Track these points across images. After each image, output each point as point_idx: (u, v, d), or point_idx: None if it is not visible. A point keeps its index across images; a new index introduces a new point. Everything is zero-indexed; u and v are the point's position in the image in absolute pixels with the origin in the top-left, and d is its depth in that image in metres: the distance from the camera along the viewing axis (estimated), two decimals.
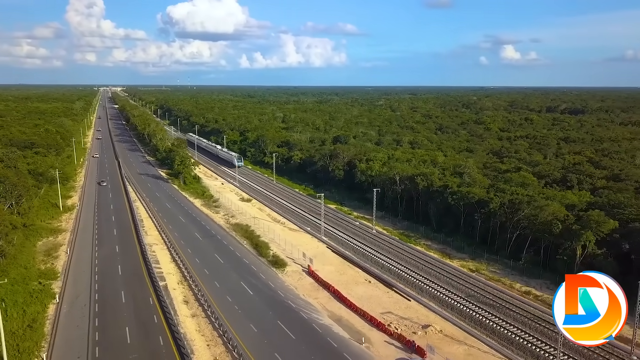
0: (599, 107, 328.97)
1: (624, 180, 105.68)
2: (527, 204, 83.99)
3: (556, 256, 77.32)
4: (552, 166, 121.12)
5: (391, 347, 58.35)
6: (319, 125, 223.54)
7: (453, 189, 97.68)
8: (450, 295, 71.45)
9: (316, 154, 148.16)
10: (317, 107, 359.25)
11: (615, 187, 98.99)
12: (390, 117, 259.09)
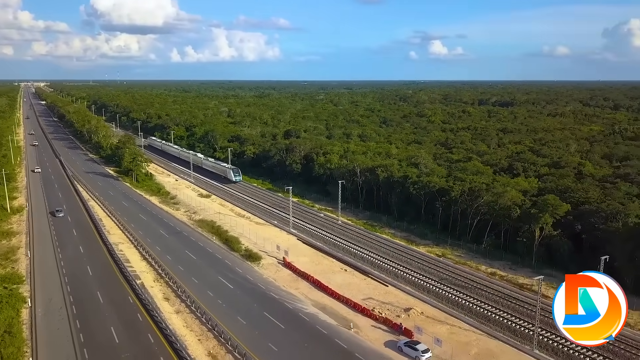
0: (525, 100, 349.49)
1: (564, 167, 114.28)
2: (486, 191, 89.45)
3: (516, 238, 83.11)
4: (499, 155, 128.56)
5: (378, 330, 61.04)
6: (267, 120, 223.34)
7: (413, 179, 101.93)
8: (424, 279, 75.22)
9: (272, 148, 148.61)
10: (258, 101, 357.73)
11: (558, 174, 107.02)
12: (335, 112, 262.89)
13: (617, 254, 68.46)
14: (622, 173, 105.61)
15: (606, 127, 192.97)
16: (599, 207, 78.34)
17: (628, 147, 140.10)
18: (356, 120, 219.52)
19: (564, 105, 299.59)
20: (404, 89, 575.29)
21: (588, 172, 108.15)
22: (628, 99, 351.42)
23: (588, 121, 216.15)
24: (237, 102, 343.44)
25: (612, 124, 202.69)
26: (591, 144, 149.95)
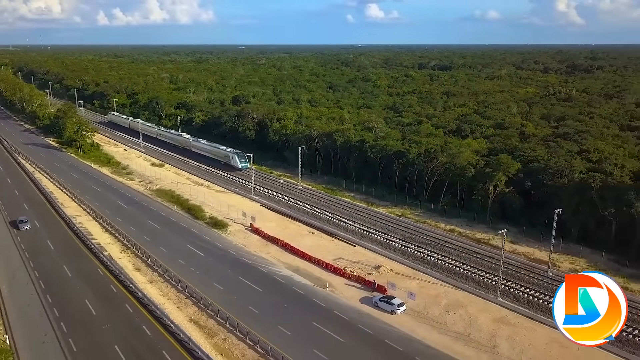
0: (463, 63, 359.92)
1: (508, 128, 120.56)
2: (442, 152, 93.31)
3: (471, 197, 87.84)
4: (447, 118, 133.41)
5: (353, 288, 63.80)
6: (212, 86, 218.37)
7: (370, 143, 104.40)
8: (389, 238, 78.53)
9: (223, 115, 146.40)
10: (197, 67, 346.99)
11: (503, 134, 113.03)
12: (281, 77, 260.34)
13: (563, 207, 74.17)
14: (561, 132, 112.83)
15: (540, 89, 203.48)
16: (547, 165, 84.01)
17: (563, 108, 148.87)
18: (303, 85, 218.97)
19: (499, 69, 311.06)
20: (344, 53, 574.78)
21: (530, 133, 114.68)
22: (556, 62, 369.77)
23: (523, 84, 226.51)
24: (177, 67, 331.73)
25: (545, 86, 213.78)
26: (529, 105, 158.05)
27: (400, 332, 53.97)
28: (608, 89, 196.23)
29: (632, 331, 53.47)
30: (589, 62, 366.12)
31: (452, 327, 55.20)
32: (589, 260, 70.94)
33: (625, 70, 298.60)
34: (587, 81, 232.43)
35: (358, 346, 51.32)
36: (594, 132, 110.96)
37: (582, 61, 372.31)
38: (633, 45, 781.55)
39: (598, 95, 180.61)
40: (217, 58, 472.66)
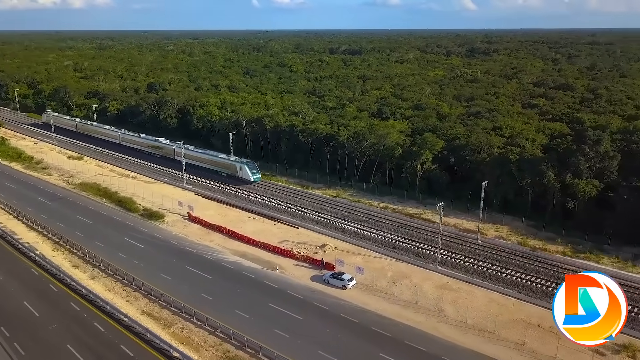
0: (372, 48, 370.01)
1: (425, 109, 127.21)
2: (370, 134, 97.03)
3: (401, 175, 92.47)
4: (367, 101, 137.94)
5: (302, 268, 65.58)
6: (122, 73, 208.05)
7: (300, 127, 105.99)
8: (329, 218, 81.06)
9: (141, 103, 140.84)
10: (101, 53, 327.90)
11: (422, 115, 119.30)
12: (195, 63, 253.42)
13: (485, 180, 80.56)
14: (474, 111, 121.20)
15: (447, 71, 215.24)
16: (468, 142, 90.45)
17: (471, 89, 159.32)
18: (219, 71, 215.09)
19: (406, 52, 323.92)
20: (253, 38, 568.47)
21: (445, 112, 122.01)
22: (457, 46, 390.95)
23: (431, 67, 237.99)
24: (79, 55, 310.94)
25: (451, 68, 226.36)
26: (441, 87, 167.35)
27: (353, 305, 56.65)
28: (507, 71, 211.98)
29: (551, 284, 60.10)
30: (486, 45, 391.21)
31: (400, 297, 58.81)
32: (511, 227, 77.94)
33: (517, 53, 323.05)
34: (487, 63, 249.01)
35: (316, 322, 53.34)
36: (502, 111, 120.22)
37: (480, 45, 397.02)
38: (521, 29, 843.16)
39: (499, 76, 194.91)
40: (120, 44, 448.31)
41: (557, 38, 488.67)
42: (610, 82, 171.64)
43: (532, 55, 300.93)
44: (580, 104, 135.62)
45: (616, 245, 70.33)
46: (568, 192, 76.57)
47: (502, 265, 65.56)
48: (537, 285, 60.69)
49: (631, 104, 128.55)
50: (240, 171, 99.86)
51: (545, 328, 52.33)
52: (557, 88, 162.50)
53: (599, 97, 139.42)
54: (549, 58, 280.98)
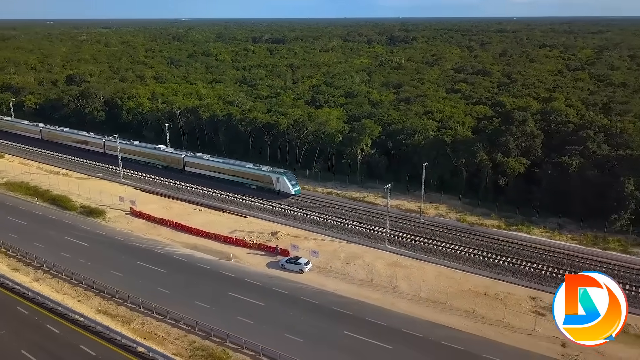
0: (295, 37, 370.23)
1: (357, 96, 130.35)
2: (310, 122, 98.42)
3: (342, 161, 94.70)
4: (301, 89, 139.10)
5: (257, 256, 66.14)
6: (35, 65, 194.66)
7: (239, 116, 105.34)
8: (276, 205, 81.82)
9: (64, 96, 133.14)
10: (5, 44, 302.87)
11: (355, 102, 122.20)
12: (114, 53, 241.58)
13: (423, 162, 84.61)
14: (404, 97, 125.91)
15: (372, 59, 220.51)
16: (404, 126, 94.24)
17: (398, 76, 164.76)
18: (142, 62, 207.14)
19: (329, 41, 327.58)
20: (170, 27, 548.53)
21: (376, 99, 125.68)
22: (377, 34, 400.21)
23: (356, 55, 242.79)
24: None
25: (375, 56, 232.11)
26: (369, 74, 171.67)
27: (312, 288, 58.21)
28: (428, 58, 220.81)
29: (501, 258, 64.99)
30: (404, 33, 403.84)
31: (355, 276, 61.10)
32: (448, 205, 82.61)
33: (435, 41, 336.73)
34: (408, 51, 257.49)
35: (278, 306, 54.33)
36: (430, 96, 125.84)
37: (399, 33, 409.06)
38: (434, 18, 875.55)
39: (422, 63, 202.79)
40: (25, 34, 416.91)
41: (468, 26, 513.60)
42: (522, 67, 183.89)
43: (449, 43, 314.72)
44: (499, 88, 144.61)
45: (543, 217, 76.76)
46: (499, 170, 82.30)
47: (445, 240, 69.67)
48: (479, 257, 65.21)
49: (543, 87, 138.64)
50: (277, 183, 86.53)
51: (490, 296, 56.75)
52: (476, 73, 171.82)
53: (515, 82, 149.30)
54: (464, 45, 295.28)
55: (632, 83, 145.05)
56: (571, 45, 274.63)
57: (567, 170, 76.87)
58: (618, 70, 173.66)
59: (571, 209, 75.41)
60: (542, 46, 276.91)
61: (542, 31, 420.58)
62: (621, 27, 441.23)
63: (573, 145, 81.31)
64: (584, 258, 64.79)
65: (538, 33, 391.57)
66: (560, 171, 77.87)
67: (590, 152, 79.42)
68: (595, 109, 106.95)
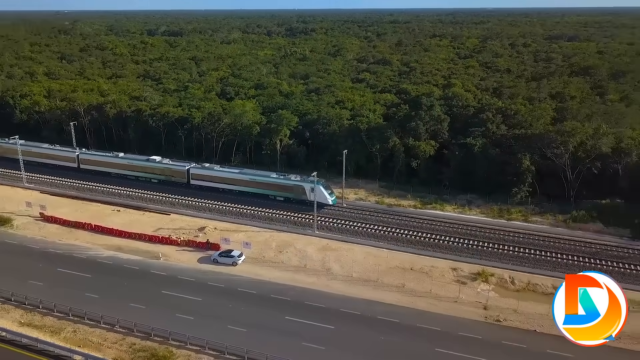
0: (193, 29, 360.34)
1: (267, 87, 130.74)
2: (226, 114, 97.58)
3: (261, 152, 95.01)
4: (209, 82, 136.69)
5: (186, 252, 65.14)
6: None
7: (149, 111, 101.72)
8: (199, 201, 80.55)
9: None
10: None
11: (266, 94, 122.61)
12: None
13: (340, 150, 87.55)
14: (314, 88, 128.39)
15: (275, 51, 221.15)
16: (320, 116, 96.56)
17: (304, 67, 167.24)
18: (28, 57, 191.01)
19: (229, 33, 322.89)
20: (52, 20, 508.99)
21: (286, 90, 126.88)
22: (276, 26, 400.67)
23: (258, 47, 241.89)
24: None
25: (278, 48, 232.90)
26: (275, 66, 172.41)
27: (248, 278, 58.71)
28: (330, 49, 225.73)
29: (421, 235, 69.44)
30: (303, 25, 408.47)
31: (289, 263, 62.47)
32: (366, 189, 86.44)
33: (333, 32, 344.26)
34: (310, 42, 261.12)
35: (216, 300, 54.31)
36: (338, 86, 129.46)
37: (297, 25, 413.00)
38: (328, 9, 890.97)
39: (325, 54, 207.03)
40: None
41: (362, 17, 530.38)
42: (418, 56, 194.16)
43: (347, 34, 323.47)
44: (400, 76, 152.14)
45: (453, 194, 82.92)
46: (411, 153, 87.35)
47: (368, 222, 73.05)
48: (401, 236, 69.30)
49: (439, 75, 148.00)
50: (311, 193, 77.30)
51: (416, 270, 60.78)
52: (377, 63, 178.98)
53: (414, 70, 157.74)
54: (362, 36, 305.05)
55: (515, 69, 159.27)
56: (458, 35, 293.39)
57: (471, 150, 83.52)
58: (502, 57, 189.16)
59: (477, 186, 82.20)
60: (433, 36, 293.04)
61: (431, 22, 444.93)
62: (499, 18, 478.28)
63: (475, 127, 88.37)
64: (493, 229, 71.24)
65: (427, 24, 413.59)
66: (465, 151, 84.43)
67: (491, 133, 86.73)
68: (488, 93, 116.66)
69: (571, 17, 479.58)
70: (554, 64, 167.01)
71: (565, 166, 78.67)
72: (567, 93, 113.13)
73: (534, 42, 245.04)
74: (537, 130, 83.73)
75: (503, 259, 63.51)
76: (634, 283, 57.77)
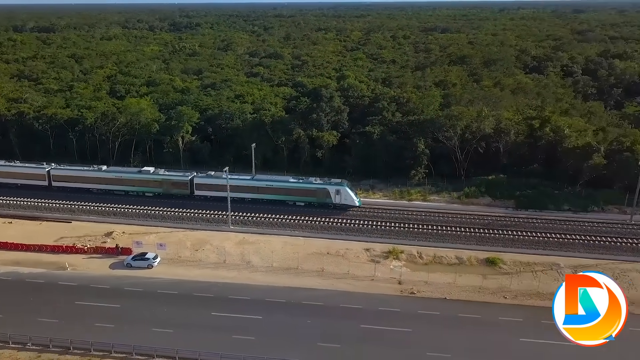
0: (66, 25, 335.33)
1: (160, 84, 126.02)
2: (121, 113, 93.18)
3: (163, 150, 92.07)
4: (95, 80, 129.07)
5: (95, 260, 62.06)
6: None
7: (32, 114, 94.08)
8: (103, 205, 76.47)
9: None
10: None
11: (160, 90, 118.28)
12: None
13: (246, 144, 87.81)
14: (209, 83, 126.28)
15: (162, 46, 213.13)
16: (222, 111, 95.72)
17: (196, 62, 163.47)
18: None
19: (108, 29, 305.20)
20: None
21: (180, 86, 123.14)
22: (158, 21, 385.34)
23: (143, 42, 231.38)
24: None
25: (164, 44, 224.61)
26: (164, 62, 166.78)
27: (167, 280, 57.56)
28: (219, 43, 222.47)
29: (333, 220, 72.07)
30: (187, 19, 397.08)
31: (207, 261, 62.09)
32: None
33: (219, 26, 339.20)
34: (197, 37, 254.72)
35: (136, 304, 52.85)
36: (234, 81, 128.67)
37: (181, 19, 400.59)
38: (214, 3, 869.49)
39: (215, 49, 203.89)
40: None
41: (247, 12, 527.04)
42: (307, 49, 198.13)
43: (234, 29, 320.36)
44: (293, 69, 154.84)
45: (357, 180, 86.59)
46: (315, 144, 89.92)
47: (281, 213, 74.31)
48: (314, 223, 71.57)
49: (330, 67, 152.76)
50: (337, 196, 75.09)
51: (333, 254, 63.51)
52: (269, 57, 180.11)
53: (306, 63, 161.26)
54: (249, 30, 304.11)
55: (399, 60, 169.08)
56: (342, 28, 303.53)
57: (371, 138, 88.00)
58: (385, 49, 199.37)
59: (379, 171, 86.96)
60: (319, 29, 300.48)
61: (315, 15, 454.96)
62: (378, 12, 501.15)
63: (372, 116, 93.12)
64: (397, 210, 76.11)
65: (312, 18, 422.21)
66: (365, 139, 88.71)
67: (387, 121, 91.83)
68: (379, 83, 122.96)
69: (441, 10, 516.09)
70: (434, 54, 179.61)
71: (455, 147, 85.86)
72: (449, 80, 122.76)
73: (412, 34, 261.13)
74: (428, 116, 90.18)
75: (409, 237, 68.27)
76: (521, 247, 65.34)
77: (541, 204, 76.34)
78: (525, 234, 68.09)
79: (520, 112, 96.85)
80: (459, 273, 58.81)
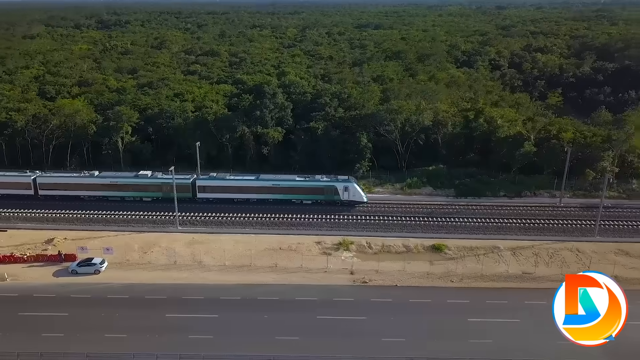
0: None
1: (92, 84, 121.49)
2: (54, 115, 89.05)
3: (102, 152, 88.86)
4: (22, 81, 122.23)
5: (37, 268, 59.40)
6: None
7: None
8: (40, 212, 73.01)
9: None
10: None
11: (93, 90, 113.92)
12: None
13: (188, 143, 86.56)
14: (146, 82, 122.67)
15: (91, 45, 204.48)
16: (162, 110, 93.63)
17: (130, 61, 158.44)
18: None
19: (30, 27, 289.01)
20: None
21: (115, 86, 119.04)
22: (84, 18, 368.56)
23: (71, 41, 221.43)
24: None
25: (94, 42, 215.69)
26: (95, 61, 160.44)
27: (116, 285, 56.05)
28: (152, 41, 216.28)
29: (283, 215, 72.53)
30: (115, 17, 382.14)
31: (158, 263, 60.98)
32: None
33: (150, 24, 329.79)
34: (128, 35, 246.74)
35: (86, 311, 51.15)
36: (172, 79, 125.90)
37: (108, 17, 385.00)
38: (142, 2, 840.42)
39: (148, 47, 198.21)
40: None
41: (178, 8, 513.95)
42: (244, 46, 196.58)
43: (165, 26, 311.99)
44: (231, 67, 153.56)
45: None
46: (261, 141, 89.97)
47: (229, 211, 73.89)
48: (264, 219, 71.86)
49: (269, 64, 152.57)
50: (345, 193, 75.03)
51: (285, 249, 64.21)
52: (205, 55, 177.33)
53: (244, 60, 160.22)
54: (182, 28, 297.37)
55: (336, 56, 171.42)
56: (277, 25, 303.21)
57: (315, 133, 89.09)
58: (322, 45, 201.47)
59: (324, 166, 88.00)
60: (254, 27, 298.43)
61: (249, 13, 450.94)
62: (312, 9, 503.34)
63: (315, 112, 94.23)
64: None
65: (246, 15, 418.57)
66: (310, 135, 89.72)
67: (330, 116, 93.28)
68: (318, 79, 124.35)
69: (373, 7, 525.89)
70: (369, 50, 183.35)
71: (396, 140, 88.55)
72: (387, 75, 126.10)
73: (347, 30, 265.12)
74: (369, 111, 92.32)
75: (358, 228, 70.06)
76: (463, 233, 68.70)
77: (479, 191, 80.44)
78: (466, 220, 71.51)
79: (455, 104, 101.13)
80: (407, 260, 61.02)
